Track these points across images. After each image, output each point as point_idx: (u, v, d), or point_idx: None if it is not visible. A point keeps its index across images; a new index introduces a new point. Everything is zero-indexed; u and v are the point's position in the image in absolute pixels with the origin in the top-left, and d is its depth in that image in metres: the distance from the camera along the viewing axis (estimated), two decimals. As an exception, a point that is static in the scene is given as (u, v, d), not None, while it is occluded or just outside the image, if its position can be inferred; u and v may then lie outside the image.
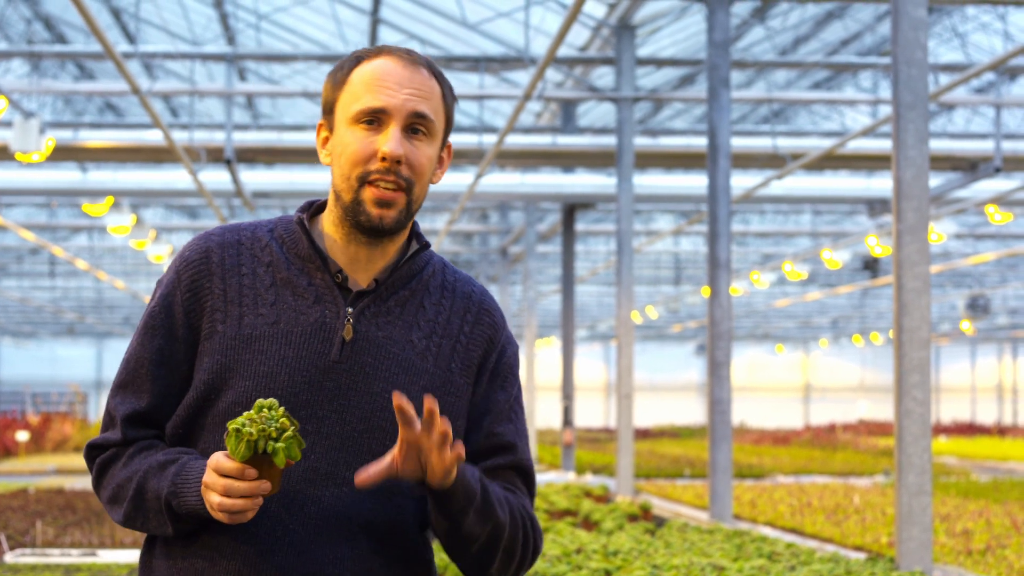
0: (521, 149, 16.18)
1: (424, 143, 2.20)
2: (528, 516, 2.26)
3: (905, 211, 8.00)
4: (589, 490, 14.70)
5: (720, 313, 11.70)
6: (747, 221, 27.27)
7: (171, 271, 2.25)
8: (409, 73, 2.20)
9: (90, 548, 10.19)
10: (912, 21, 8.04)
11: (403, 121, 2.17)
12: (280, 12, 16.51)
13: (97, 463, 2.24)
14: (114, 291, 36.78)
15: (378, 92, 2.17)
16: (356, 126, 2.18)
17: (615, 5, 14.45)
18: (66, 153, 15.86)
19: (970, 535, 11.21)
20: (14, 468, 21.00)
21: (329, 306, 2.20)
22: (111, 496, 2.22)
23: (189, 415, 2.21)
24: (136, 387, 2.22)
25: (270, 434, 1.99)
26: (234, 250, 2.24)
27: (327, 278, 2.22)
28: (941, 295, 36.04)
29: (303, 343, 2.18)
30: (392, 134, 2.16)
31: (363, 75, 2.20)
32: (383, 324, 2.22)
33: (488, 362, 2.29)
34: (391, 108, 2.17)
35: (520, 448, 2.30)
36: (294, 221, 2.26)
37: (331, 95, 2.23)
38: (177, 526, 2.14)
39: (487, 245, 27.85)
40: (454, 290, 2.31)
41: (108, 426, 2.25)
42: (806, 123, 21.68)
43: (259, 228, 2.28)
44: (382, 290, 2.23)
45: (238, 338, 2.18)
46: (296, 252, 2.23)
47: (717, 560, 8.45)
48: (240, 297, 2.21)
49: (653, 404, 49.04)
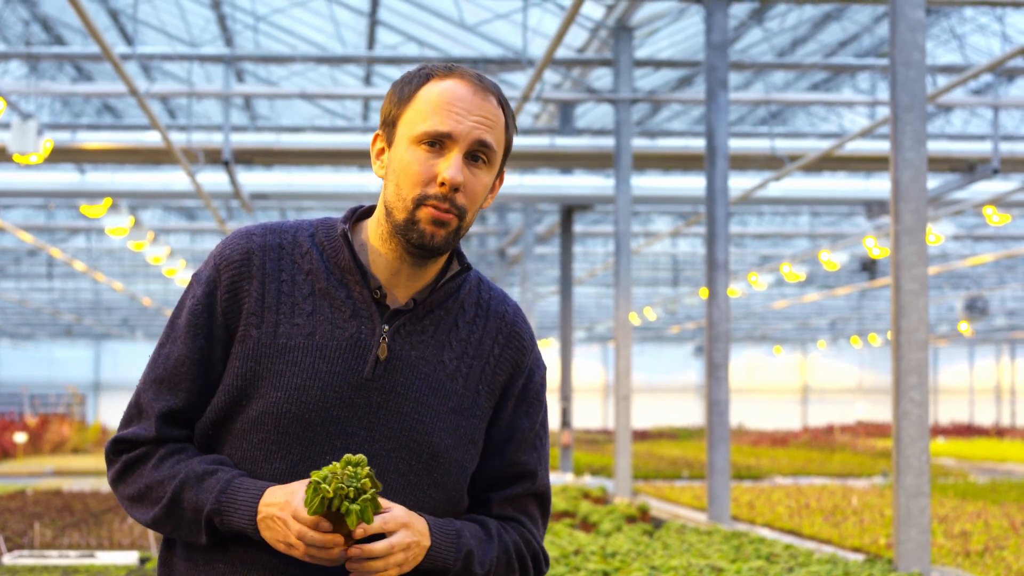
0: (519, 150, 16.18)
1: (483, 171, 2.18)
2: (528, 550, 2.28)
3: (903, 212, 8.01)
4: (587, 491, 14.69)
5: (718, 314, 11.70)
6: (745, 222, 27.27)
7: (210, 268, 2.22)
8: (479, 100, 2.17)
9: (88, 550, 10.18)
10: (910, 23, 8.05)
11: (466, 148, 2.15)
12: (278, 13, 16.51)
13: (123, 460, 2.20)
14: (112, 293, 36.76)
15: (446, 116, 2.15)
16: (418, 147, 2.15)
17: (613, 6, 14.45)
18: (64, 154, 15.86)
19: (968, 536, 11.21)
20: (12, 470, 20.99)
21: (365, 322, 2.19)
22: (136, 494, 2.18)
23: (218, 419, 2.19)
24: (174, 384, 2.19)
25: (347, 494, 1.99)
26: (275, 254, 2.21)
27: (365, 293, 2.20)
28: (939, 296, 36.05)
29: (337, 358, 2.16)
30: (454, 161, 2.14)
31: (431, 95, 2.17)
32: (417, 344, 2.20)
33: (514, 387, 2.28)
34: (457, 134, 2.14)
35: (541, 476, 2.30)
36: (337, 231, 2.24)
37: (395, 109, 2.20)
38: (213, 539, 2.14)
39: (485, 246, 27.86)
40: (488, 308, 2.29)
41: (136, 420, 2.21)
42: (804, 124, 21.68)
43: (300, 232, 2.24)
44: (419, 309, 2.22)
45: (273, 346, 2.16)
46: (337, 262, 2.21)
47: (715, 561, 8.45)
48: (278, 304, 2.18)
49: (651, 405, 49.04)
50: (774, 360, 54.14)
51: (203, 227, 25.34)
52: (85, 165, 18.29)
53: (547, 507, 2.32)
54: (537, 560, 2.28)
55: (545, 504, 2.31)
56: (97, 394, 50.53)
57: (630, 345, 14.68)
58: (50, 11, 17.06)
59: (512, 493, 2.27)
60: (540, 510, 2.30)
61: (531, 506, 2.29)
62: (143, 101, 12.79)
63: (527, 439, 2.28)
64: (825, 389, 54.03)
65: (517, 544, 2.25)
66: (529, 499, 2.28)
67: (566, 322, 21.05)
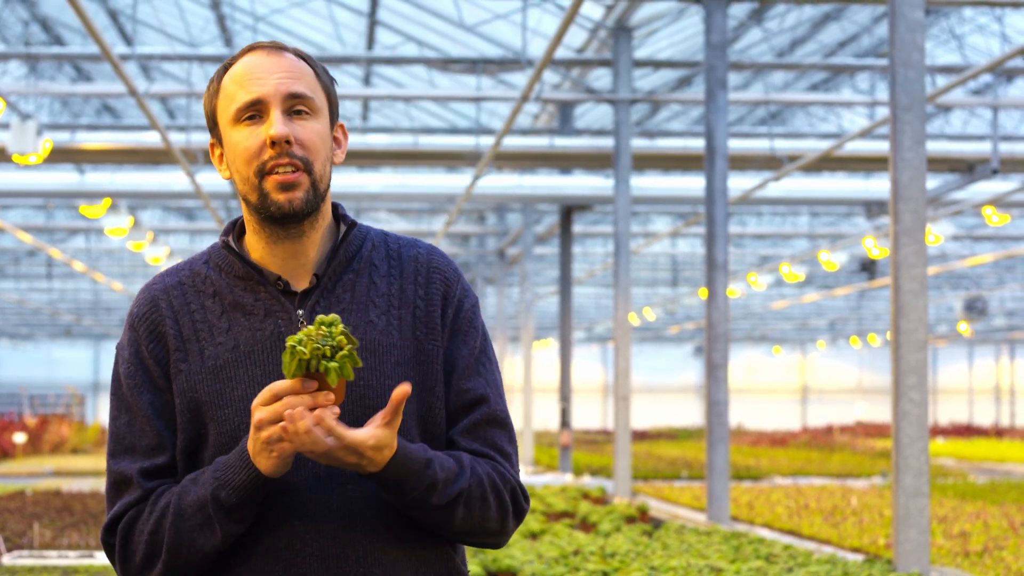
0: (518, 151, 16.18)
1: (310, 121, 2.19)
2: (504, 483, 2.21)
3: (902, 213, 8.01)
4: (587, 492, 14.70)
5: (718, 315, 11.70)
6: (744, 223, 27.28)
7: (127, 332, 2.26)
8: (274, 60, 2.20)
9: (88, 550, 10.18)
10: (909, 23, 8.05)
11: (281, 105, 2.17)
12: (277, 14, 16.51)
13: (120, 533, 2.18)
14: (111, 293, 36.77)
15: (250, 85, 2.17)
16: (239, 125, 2.18)
17: (612, 7, 14.45)
18: (63, 155, 15.86)
19: (967, 537, 11.21)
20: (11, 470, 20.98)
21: (280, 315, 2.20)
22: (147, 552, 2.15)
23: (187, 460, 2.20)
24: (143, 445, 2.19)
25: (324, 352, 1.98)
26: (178, 291, 2.24)
27: (269, 289, 2.21)
28: (938, 297, 36.06)
29: (266, 358, 2.18)
30: (275, 118, 2.15)
31: (233, 77, 2.20)
32: (338, 314, 2.20)
33: (446, 319, 2.26)
34: (265, 96, 2.16)
35: (493, 399, 2.26)
36: (220, 246, 2.26)
37: (210, 108, 2.24)
38: (227, 527, 2.11)
39: (484, 247, 27.86)
40: (400, 257, 2.28)
41: (120, 495, 2.20)
42: (803, 125, 21.69)
43: (195, 263, 2.28)
44: (325, 281, 2.22)
45: (203, 371, 2.18)
46: (234, 274, 2.23)
47: (714, 562, 8.45)
48: (196, 333, 2.21)
49: (651, 406, 49.04)
50: (773, 360, 54.15)
51: (202, 227, 25.35)
52: (84, 165, 18.29)
53: (512, 436, 2.28)
54: (515, 494, 2.22)
55: (509, 432, 2.27)
56: (96, 394, 50.52)
57: (629, 345, 14.68)
58: (49, 11, 17.07)
59: (469, 423, 2.23)
60: (506, 440, 2.25)
61: (495, 436, 2.24)
62: (142, 101, 12.79)
63: (469, 365, 2.25)
64: (824, 389, 54.03)
65: (491, 477, 2.19)
66: (490, 428, 2.24)
67: (565, 322, 21.06)
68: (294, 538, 2.14)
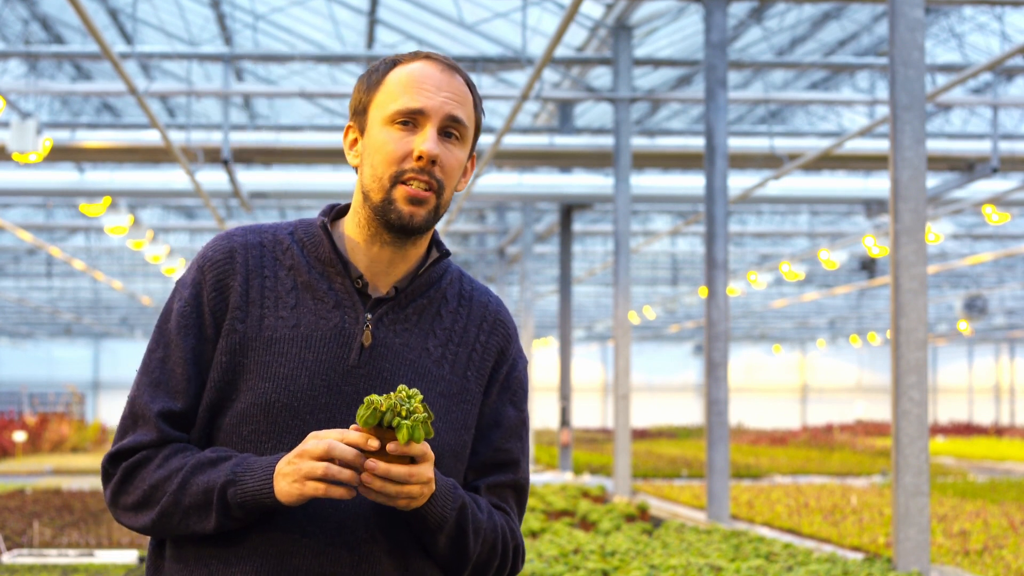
0: (518, 149, 16.18)
1: (456, 147, 2.21)
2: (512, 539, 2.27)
3: (902, 212, 8.01)
4: (586, 490, 14.70)
5: (717, 314, 11.70)
6: (744, 222, 27.28)
7: (194, 270, 2.23)
8: (447, 78, 2.21)
9: (87, 548, 10.18)
10: (909, 22, 8.05)
11: (439, 123, 2.18)
12: (277, 12, 16.51)
13: (122, 469, 2.16)
14: (111, 292, 36.76)
15: (416, 94, 2.18)
16: (392, 126, 2.19)
17: (612, 5, 14.45)
18: (63, 153, 15.85)
19: (967, 535, 11.21)
20: (11, 468, 20.99)
21: (349, 311, 2.20)
22: (141, 499, 2.15)
23: (207, 417, 2.19)
24: (171, 386, 2.18)
25: (399, 412, 2.00)
26: (257, 251, 2.24)
27: (347, 283, 2.22)
28: (938, 296, 36.06)
29: (323, 347, 2.18)
30: (429, 134, 2.17)
31: (400, 77, 2.21)
32: (400, 331, 2.22)
33: (499, 373, 2.30)
34: (428, 109, 2.18)
35: (523, 466, 2.31)
36: (316, 224, 2.26)
37: (364, 97, 2.24)
38: (223, 520, 2.11)
39: (484, 245, 27.86)
40: (471, 299, 2.32)
41: (134, 428, 2.18)
42: (803, 124, 21.69)
43: (280, 230, 2.27)
44: (401, 297, 2.24)
45: (258, 339, 2.18)
46: (317, 256, 2.23)
47: (714, 560, 8.45)
48: (262, 299, 2.20)
49: (650, 404, 49.06)
50: (773, 359, 54.15)
51: (202, 226, 25.34)
52: (84, 164, 18.29)
53: (524, 500, 2.33)
54: (517, 552, 2.28)
55: (523, 497, 2.32)
56: (96, 393, 50.53)
57: (629, 344, 14.68)
58: (49, 10, 17.06)
59: (495, 481, 2.28)
60: (518, 502, 2.31)
61: (511, 497, 2.29)
62: (142, 100, 12.79)
63: (513, 427, 2.29)
64: (824, 388, 54.04)
65: (504, 529, 2.25)
66: (509, 490, 2.29)
67: (565, 321, 21.06)
68: (294, 528, 2.14)
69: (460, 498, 2.16)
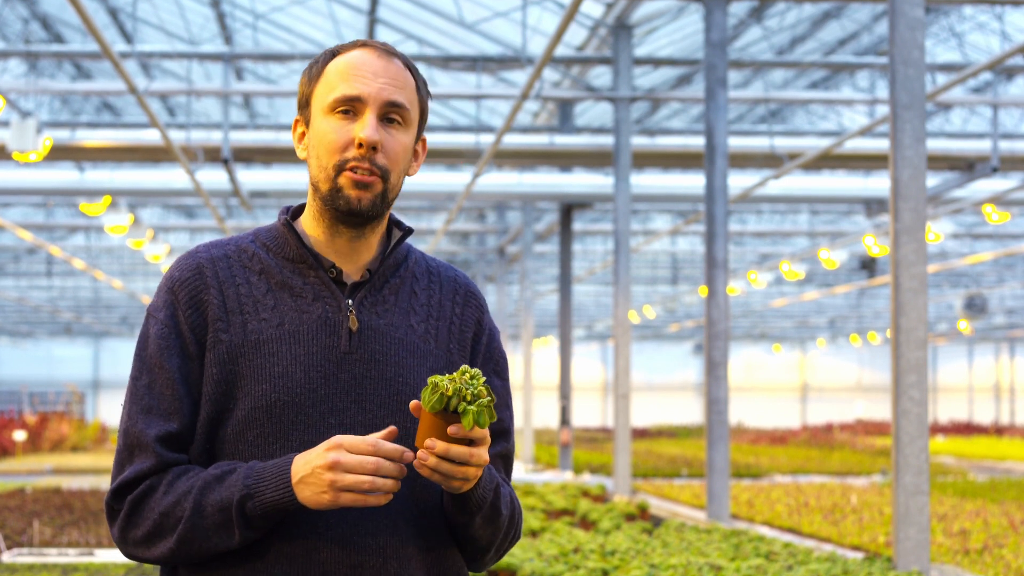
0: (518, 149, 16.18)
1: (399, 132, 2.22)
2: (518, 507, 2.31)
3: (902, 211, 8.01)
4: (586, 490, 14.70)
5: (717, 313, 11.70)
6: (744, 221, 27.28)
7: (164, 293, 2.22)
8: (384, 63, 2.22)
9: (87, 548, 10.18)
10: (909, 21, 8.05)
11: (379, 109, 2.19)
12: (277, 12, 16.51)
13: (128, 502, 2.13)
14: (111, 291, 36.75)
15: (353, 81, 2.19)
16: (332, 115, 2.20)
17: (612, 5, 14.45)
18: (63, 153, 15.85)
19: (967, 535, 11.21)
20: (11, 468, 20.99)
21: (329, 301, 2.22)
22: (153, 530, 2.12)
23: (208, 432, 2.17)
24: (163, 409, 2.16)
25: (465, 396, 2.01)
26: (224, 263, 2.24)
27: (321, 275, 2.23)
28: (938, 295, 36.06)
29: (311, 340, 2.19)
30: (368, 121, 2.18)
31: (338, 66, 2.22)
32: (382, 312, 2.24)
33: (479, 344, 2.33)
34: (366, 96, 2.19)
35: (512, 434, 2.33)
36: (278, 226, 2.27)
37: (306, 89, 2.26)
38: (246, 533, 2.09)
39: (484, 245, 27.85)
40: (439, 275, 2.34)
41: (131, 458, 2.15)
42: (803, 123, 21.68)
43: (241, 240, 2.28)
44: (376, 279, 2.26)
45: (246, 344, 2.18)
46: (285, 255, 2.24)
47: (714, 560, 8.45)
48: (240, 306, 2.20)
49: (650, 404, 49.06)
50: (773, 358, 54.14)
51: (202, 225, 25.34)
52: (84, 163, 18.29)
53: (511, 467, 2.35)
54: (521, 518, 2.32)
55: (511, 465, 2.35)
56: (96, 392, 50.53)
57: (629, 343, 14.68)
58: (49, 9, 17.06)
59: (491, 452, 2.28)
60: (507, 471, 2.33)
61: (501, 467, 2.31)
62: (142, 99, 12.78)
63: (501, 397, 2.32)
64: (824, 387, 54.04)
65: (516, 501, 2.30)
66: (500, 459, 2.31)
67: (565, 320, 21.06)
68: (317, 521, 2.14)
69: (495, 478, 2.19)
